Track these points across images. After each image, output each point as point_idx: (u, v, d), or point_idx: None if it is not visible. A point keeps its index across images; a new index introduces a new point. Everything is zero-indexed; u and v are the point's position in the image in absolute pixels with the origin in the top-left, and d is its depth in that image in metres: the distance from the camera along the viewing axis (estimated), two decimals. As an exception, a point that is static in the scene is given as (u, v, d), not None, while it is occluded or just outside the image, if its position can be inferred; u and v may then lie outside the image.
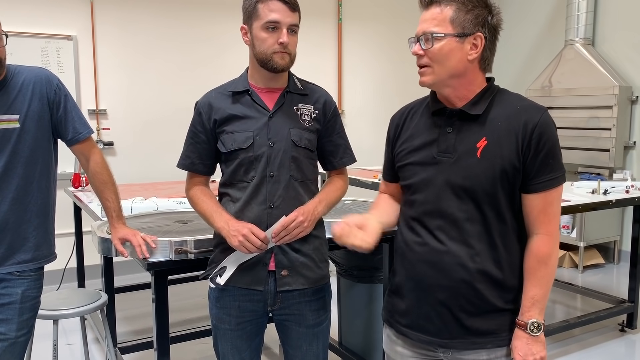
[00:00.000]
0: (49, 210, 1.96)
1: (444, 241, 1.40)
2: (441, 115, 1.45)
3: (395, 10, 6.00)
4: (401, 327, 1.50)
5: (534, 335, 1.38)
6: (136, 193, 3.26)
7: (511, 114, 1.38)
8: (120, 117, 4.74)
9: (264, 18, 1.64)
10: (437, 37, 1.35)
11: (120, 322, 3.67)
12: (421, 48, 1.38)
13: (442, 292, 1.41)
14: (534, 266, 1.39)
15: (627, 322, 3.64)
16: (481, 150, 1.37)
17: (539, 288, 1.39)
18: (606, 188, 3.49)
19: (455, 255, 1.39)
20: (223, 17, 5.07)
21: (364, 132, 5.82)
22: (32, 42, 4.34)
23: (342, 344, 3.10)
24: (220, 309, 1.77)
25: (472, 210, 1.38)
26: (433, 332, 1.44)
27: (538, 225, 1.39)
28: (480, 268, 1.39)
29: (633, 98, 5.01)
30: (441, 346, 1.45)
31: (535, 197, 1.38)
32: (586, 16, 5.20)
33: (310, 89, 1.81)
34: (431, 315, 1.43)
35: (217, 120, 1.73)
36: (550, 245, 1.39)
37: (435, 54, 1.36)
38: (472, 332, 1.41)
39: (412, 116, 1.53)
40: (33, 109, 1.86)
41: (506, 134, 1.36)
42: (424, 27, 1.38)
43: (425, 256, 1.43)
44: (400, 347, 1.53)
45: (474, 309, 1.40)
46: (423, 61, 1.39)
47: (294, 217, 1.65)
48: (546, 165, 1.36)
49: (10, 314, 1.85)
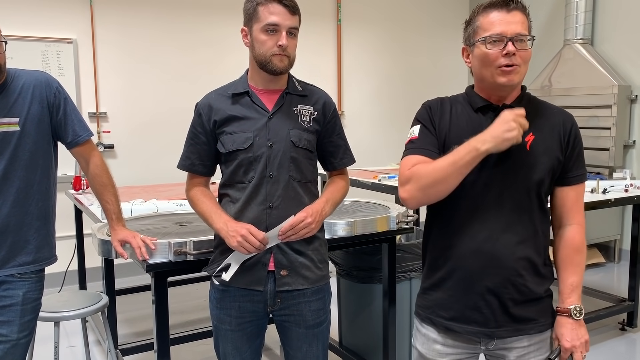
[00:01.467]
0: (49, 213, 1.97)
1: (494, 230, 1.45)
2: (486, 111, 1.50)
3: (394, 12, 6.01)
4: (444, 321, 1.52)
5: (577, 319, 1.47)
6: (136, 195, 3.27)
7: (549, 114, 1.52)
8: (121, 120, 4.75)
9: (263, 20, 1.66)
10: (529, 40, 1.43)
11: (122, 324, 3.68)
12: (515, 48, 1.40)
13: (491, 281, 1.46)
14: (570, 255, 1.50)
15: (628, 321, 3.64)
16: (530, 143, 1.46)
17: (576, 275, 1.49)
18: (605, 187, 3.49)
19: (504, 243, 1.45)
20: (223, 20, 5.09)
21: (363, 133, 5.83)
22: (32, 45, 4.35)
23: (342, 344, 3.11)
24: (220, 310, 1.78)
25: (522, 199, 1.45)
26: (480, 322, 1.48)
27: (572, 216, 1.51)
28: (526, 255, 1.46)
29: (632, 97, 5.01)
30: (487, 335, 1.48)
31: (570, 190, 1.51)
32: (585, 15, 5.20)
33: (310, 90, 1.82)
34: (479, 305, 1.47)
35: (217, 121, 1.74)
36: (582, 234, 1.52)
37: (527, 55, 1.44)
38: (517, 319, 1.47)
39: (450, 109, 1.53)
40: (33, 112, 1.87)
41: (549, 130, 1.49)
42: (515, 28, 1.40)
43: (475, 246, 1.46)
44: (440, 345, 1.54)
45: (520, 296, 1.46)
46: (516, 61, 1.41)
47: (303, 217, 1.65)
48: (579, 161, 1.51)
49: (11, 315, 1.86)
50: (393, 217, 2.47)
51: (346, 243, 2.40)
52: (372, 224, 2.41)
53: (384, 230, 2.45)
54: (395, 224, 2.47)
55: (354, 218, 2.39)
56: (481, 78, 1.48)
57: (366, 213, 2.57)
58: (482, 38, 1.42)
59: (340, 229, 2.33)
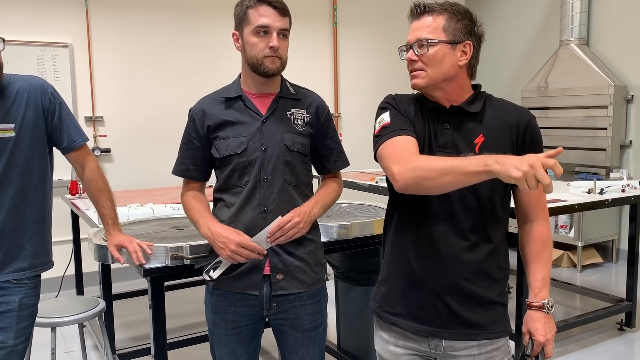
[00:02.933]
0: (45, 218, 1.97)
1: (440, 232, 1.45)
2: (437, 113, 1.50)
3: (390, 14, 6.01)
4: (389, 317, 1.53)
5: (549, 313, 1.48)
6: (133, 199, 3.27)
7: (503, 113, 1.48)
8: (117, 124, 4.74)
9: (254, 23, 1.66)
10: (432, 43, 1.44)
11: (119, 329, 3.67)
12: (415, 54, 1.46)
13: (436, 283, 1.45)
14: (539, 249, 1.50)
15: (626, 321, 3.64)
16: (479, 146, 1.44)
17: (545, 269, 1.49)
18: (602, 187, 3.49)
19: (452, 247, 1.44)
20: (219, 23, 5.09)
21: (360, 135, 5.83)
22: (28, 50, 4.35)
23: (340, 347, 3.10)
24: (216, 314, 1.78)
25: (471, 203, 1.44)
26: (425, 320, 1.48)
27: (537, 212, 1.51)
28: (475, 260, 1.44)
29: (628, 97, 5.02)
30: (432, 334, 1.48)
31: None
32: (580, 16, 5.22)
33: (303, 93, 1.82)
34: (424, 305, 1.48)
35: (211, 126, 1.74)
36: (548, 228, 1.53)
37: (430, 58, 1.44)
38: (464, 322, 1.46)
39: (411, 105, 1.54)
40: (28, 118, 1.87)
41: (500, 131, 1.46)
42: (417, 34, 1.47)
43: (420, 246, 1.47)
44: (392, 346, 1.55)
45: (467, 300, 1.45)
46: (417, 66, 1.47)
47: (290, 217, 1.66)
48: None
49: (7, 322, 1.86)
50: (390, 219, 2.46)
51: (343, 246, 2.39)
52: (369, 226, 2.41)
53: (381, 233, 2.44)
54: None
55: (351, 221, 2.39)
56: None
57: (363, 215, 2.57)
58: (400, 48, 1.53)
59: (337, 231, 2.33)
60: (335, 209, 2.76)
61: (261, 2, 1.66)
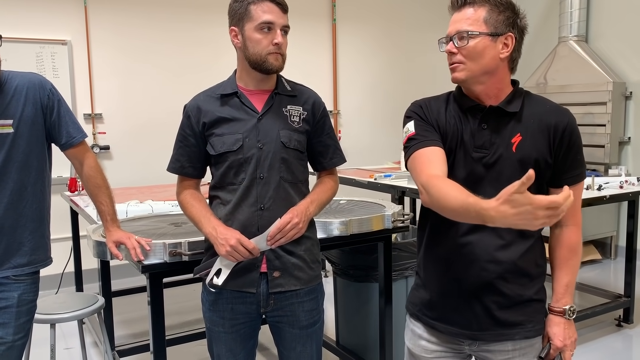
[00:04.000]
0: (44, 215, 1.97)
1: (475, 232, 1.44)
2: (474, 112, 1.47)
3: (389, 11, 6.01)
4: (429, 320, 1.53)
5: (570, 319, 1.47)
6: (132, 196, 3.27)
7: (542, 113, 1.46)
8: (116, 121, 4.74)
9: (257, 19, 1.65)
10: (472, 35, 1.40)
11: (118, 326, 3.68)
12: (454, 46, 1.42)
13: (472, 284, 1.45)
14: (566, 255, 1.48)
15: (624, 317, 3.65)
16: (516, 145, 1.43)
17: (571, 275, 1.48)
18: (600, 184, 3.50)
19: (486, 246, 1.43)
20: (218, 19, 5.08)
21: (359, 132, 5.82)
22: (26, 47, 4.34)
23: (339, 343, 3.11)
24: (213, 312, 1.78)
25: None
26: (462, 324, 1.47)
27: (568, 217, 1.47)
28: (511, 259, 1.43)
29: (627, 94, 5.03)
30: (469, 338, 1.48)
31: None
32: (579, 13, 5.22)
33: (299, 90, 1.81)
34: (461, 308, 1.47)
35: (206, 123, 1.74)
36: (579, 235, 1.50)
37: (470, 51, 1.40)
38: (501, 323, 1.45)
39: (440, 109, 1.51)
40: (27, 114, 1.87)
41: (538, 131, 1.44)
42: (457, 26, 1.43)
43: (456, 248, 1.46)
44: (425, 341, 1.55)
45: (504, 300, 1.45)
46: (456, 59, 1.43)
47: (289, 218, 1.64)
48: (575, 161, 1.46)
49: (7, 318, 1.87)
50: (388, 215, 2.47)
51: (342, 242, 2.40)
52: (368, 223, 2.42)
53: (379, 229, 2.46)
54: (391, 222, 2.48)
55: (350, 217, 2.40)
56: None
57: (362, 212, 2.57)
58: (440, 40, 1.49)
59: (335, 228, 2.33)
60: (333, 205, 2.77)
61: None
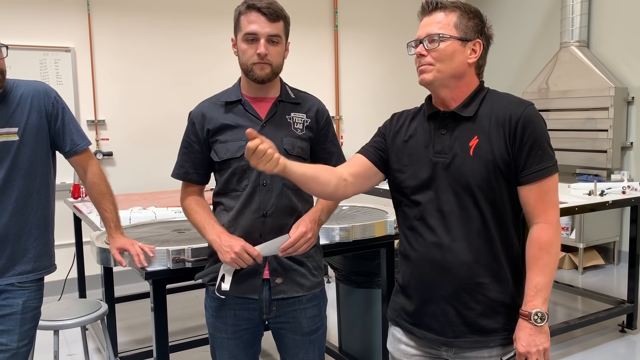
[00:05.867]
0: (48, 222, 1.98)
1: (444, 239, 1.44)
2: (435, 119, 1.50)
3: (390, 17, 6.03)
4: (407, 325, 1.54)
5: (537, 325, 1.38)
6: (136, 203, 3.28)
7: (499, 110, 1.44)
8: (119, 128, 4.76)
9: (243, 30, 1.67)
10: (443, 38, 1.43)
11: (121, 332, 3.68)
12: (424, 48, 1.44)
13: (445, 290, 1.45)
14: (535, 254, 1.41)
15: (627, 323, 3.64)
16: (473, 148, 1.43)
17: (542, 276, 1.39)
18: (603, 189, 3.50)
19: (457, 252, 1.43)
20: (220, 27, 5.11)
21: (361, 138, 5.81)
22: (30, 54, 4.37)
23: (342, 349, 3.11)
24: (216, 318, 1.78)
25: (470, 207, 1.42)
26: (438, 330, 1.47)
27: (537, 215, 1.41)
28: (481, 264, 1.42)
29: (629, 99, 5.03)
30: (445, 345, 1.48)
31: (530, 188, 1.41)
32: (580, 18, 5.23)
33: (303, 97, 1.83)
34: (436, 314, 1.47)
35: (210, 130, 1.75)
36: (550, 232, 1.40)
37: (440, 53, 1.43)
38: (476, 330, 1.44)
39: (409, 121, 1.58)
40: (31, 122, 1.89)
41: (495, 129, 1.42)
42: (428, 29, 1.45)
43: (428, 255, 1.47)
44: (404, 345, 1.56)
45: (479, 306, 1.44)
46: (425, 60, 1.45)
47: (303, 232, 1.63)
48: (534, 157, 1.40)
49: (11, 324, 1.87)
50: (391, 221, 2.47)
51: (344, 248, 2.40)
52: (370, 229, 2.42)
53: (382, 235, 2.46)
54: (393, 228, 2.48)
55: (352, 223, 2.40)
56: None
57: (364, 218, 2.58)
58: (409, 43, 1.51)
59: (338, 234, 2.34)
60: (336, 211, 2.77)
61: (250, 8, 1.66)
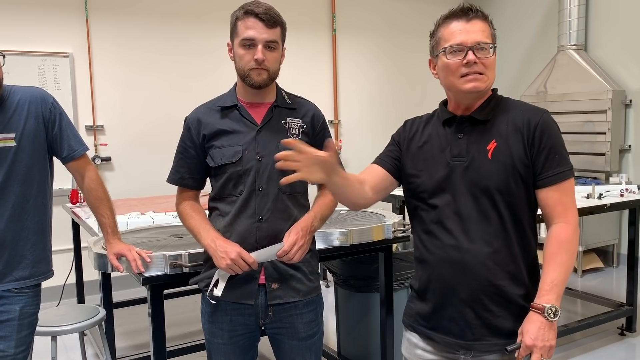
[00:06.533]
0: (46, 228, 1.98)
1: (463, 242, 1.45)
2: (451, 123, 1.52)
3: (389, 22, 6.04)
4: (424, 330, 1.54)
5: (550, 320, 1.37)
6: (134, 208, 3.28)
7: (516, 115, 1.47)
8: (117, 133, 4.76)
9: (240, 35, 1.68)
10: (492, 48, 1.45)
11: (119, 337, 3.67)
12: (476, 56, 1.42)
13: (464, 291, 1.45)
14: (554, 251, 1.42)
15: (627, 326, 3.64)
16: (492, 151, 1.44)
17: (558, 272, 1.40)
18: (601, 192, 3.50)
19: (475, 254, 1.44)
20: (218, 31, 5.11)
21: (360, 142, 5.84)
22: (28, 60, 4.37)
23: (340, 353, 3.10)
24: (212, 324, 1.78)
25: (489, 209, 1.44)
26: (457, 333, 1.47)
27: (556, 216, 1.44)
28: (501, 265, 1.43)
29: (627, 102, 5.04)
30: (463, 347, 1.47)
31: (548, 191, 1.44)
32: (578, 22, 5.24)
33: (299, 103, 1.83)
34: (455, 317, 1.47)
35: (206, 135, 1.75)
36: (569, 231, 1.43)
37: (491, 62, 1.45)
38: (495, 332, 1.45)
39: (423, 127, 1.59)
40: (29, 128, 1.89)
41: (513, 134, 1.45)
42: (474, 37, 1.42)
43: (446, 256, 1.47)
44: (421, 350, 1.56)
45: (497, 308, 1.44)
46: (478, 68, 1.43)
47: (294, 240, 1.64)
48: (552, 160, 1.43)
49: (8, 330, 1.87)
50: (389, 225, 2.47)
51: (343, 252, 2.40)
52: (368, 233, 2.42)
53: (380, 239, 2.46)
54: (391, 232, 2.48)
55: (350, 227, 2.40)
56: (448, 88, 1.52)
57: (362, 222, 2.58)
58: (442, 49, 1.46)
59: (336, 238, 2.34)
60: (334, 215, 2.77)
61: (248, 14, 1.67)
